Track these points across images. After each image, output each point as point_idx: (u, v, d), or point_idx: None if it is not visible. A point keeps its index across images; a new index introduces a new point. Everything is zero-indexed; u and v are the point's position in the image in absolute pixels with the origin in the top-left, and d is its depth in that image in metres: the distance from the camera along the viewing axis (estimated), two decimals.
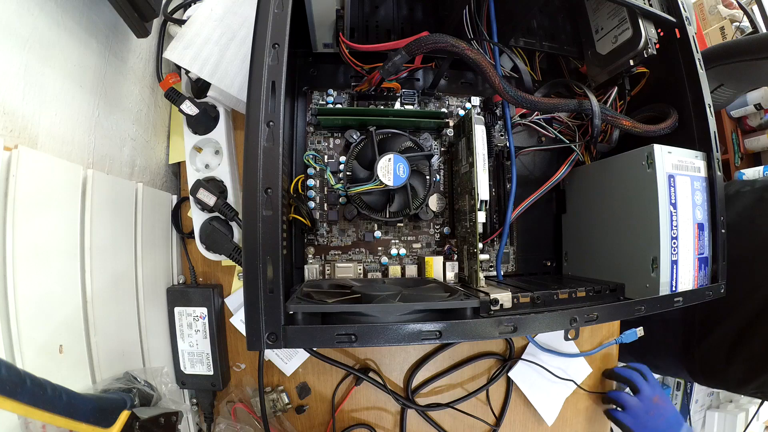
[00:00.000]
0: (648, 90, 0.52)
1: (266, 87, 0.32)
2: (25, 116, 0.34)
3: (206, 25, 0.49)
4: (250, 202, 0.31)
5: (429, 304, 0.34)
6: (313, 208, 0.50)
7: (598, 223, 0.51)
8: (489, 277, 0.53)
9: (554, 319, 0.36)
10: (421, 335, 0.31)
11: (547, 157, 0.58)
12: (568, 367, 0.62)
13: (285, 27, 0.33)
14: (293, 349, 0.55)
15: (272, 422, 0.53)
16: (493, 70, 0.40)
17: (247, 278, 0.30)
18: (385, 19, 0.53)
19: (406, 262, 0.52)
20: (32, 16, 0.34)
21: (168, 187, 0.57)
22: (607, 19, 0.49)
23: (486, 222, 0.51)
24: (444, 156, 0.54)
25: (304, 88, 0.52)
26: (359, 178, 0.47)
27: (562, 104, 0.44)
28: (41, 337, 0.32)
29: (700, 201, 0.45)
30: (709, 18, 1.14)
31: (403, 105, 0.53)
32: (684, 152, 0.44)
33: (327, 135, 0.52)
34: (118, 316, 0.42)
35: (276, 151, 0.31)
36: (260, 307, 0.30)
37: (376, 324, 0.31)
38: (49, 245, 0.34)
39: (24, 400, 0.23)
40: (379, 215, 0.48)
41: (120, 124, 0.47)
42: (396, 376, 0.58)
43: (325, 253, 0.51)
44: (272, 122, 0.32)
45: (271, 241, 0.31)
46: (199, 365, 0.51)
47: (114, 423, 0.31)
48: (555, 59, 0.59)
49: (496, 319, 0.33)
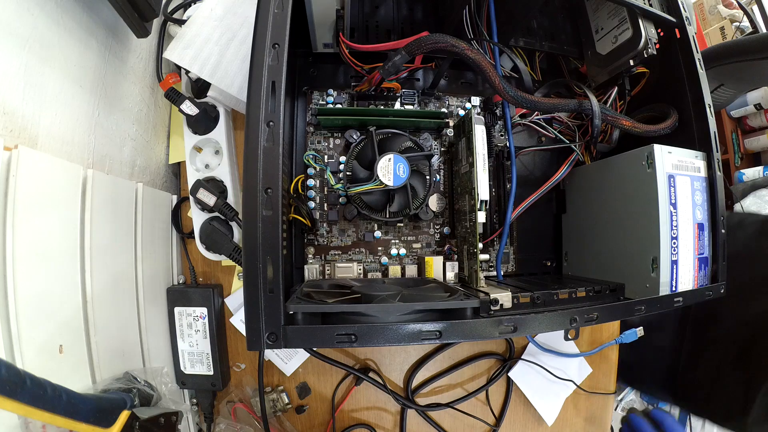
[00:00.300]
0: (648, 90, 0.52)
1: (266, 87, 0.32)
2: (25, 116, 0.34)
3: (206, 25, 0.49)
4: (250, 202, 0.31)
5: (429, 304, 0.34)
6: (313, 208, 0.50)
7: (598, 223, 0.51)
8: (489, 277, 0.53)
9: (554, 319, 0.35)
10: (421, 335, 0.31)
11: (547, 157, 0.58)
12: (568, 367, 0.62)
13: (285, 27, 0.33)
14: (293, 349, 0.55)
15: (272, 422, 0.53)
16: (493, 70, 0.40)
17: (247, 278, 0.30)
18: (385, 19, 0.53)
19: (406, 262, 0.52)
20: (32, 16, 0.34)
21: (168, 187, 0.57)
22: (607, 19, 0.49)
23: (486, 222, 0.51)
24: (444, 156, 0.54)
25: (304, 88, 0.52)
26: (359, 178, 0.47)
27: (562, 104, 0.44)
28: (41, 337, 0.32)
29: (700, 201, 0.45)
30: (709, 18, 1.14)
31: (403, 105, 0.53)
32: (684, 152, 0.44)
33: (327, 135, 0.52)
34: (118, 316, 0.42)
35: (276, 151, 0.31)
36: (260, 307, 0.30)
37: (376, 324, 0.31)
38: (49, 245, 0.34)
39: (24, 400, 0.23)
40: (379, 215, 0.48)
41: (120, 124, 0.47)
42: (396, 377, 0.58)
43: (325, 253, 0.51)
44: (272, 122, 0.32)
45: (271, 241, 0.30)
46: (199, 365, 0.51)
47: (114, 423, 0.31)
48: (555, 59, 0.59)
49: (496, 319, 0.33)
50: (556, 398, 0.62)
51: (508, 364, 0.59)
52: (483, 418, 0.59)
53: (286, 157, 0.47)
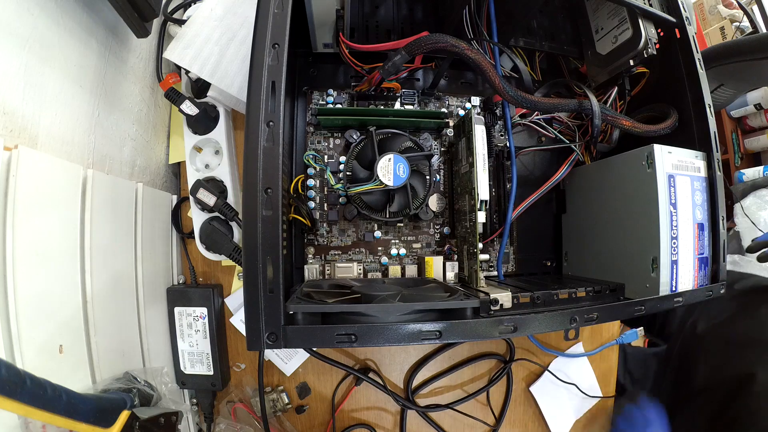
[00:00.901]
0: (648, 90, 0.52)
1: (266, 87, 0.32)
2: (25, 116, 0.34)
3: (206, 25, 0.49)
4: (250, 202, 0.31)
5: (429, 304, 0.34)
6: (313, 208, 0.50)
7: (598, 223, 0.51)
8: (489, 277, 0.53)
9: (554, 319, 0.35)
10: (421, 335, 0.31)
11: (547, 157, 0.58)
12: (569, 368, 0.62)
13: (285, 27, 0.33)
14: (293, 349, 0.55)
15: (272, 422, 0.53)
16: (493, 69, 0.40)
17: (247, 278, 0.30)
18: (385, 19, 0.53)
19: (406, 262, 0.52)
20: (32, 16, 0.34)
21: (168, 187, 0.57)
22: (607, 19, 0.49)
23: (486, 222, 0.51)
24: (444, 156, 0.54)
25: (304, 88, 0.52)
26: (359, 178, 0.47)
27: (562, 104, 0.44)
28: (41, 337, 0.32)
29: (700, 201, 0.45)
30: (709, 18, 1.14)
31: (403, 105, 0.53)
32: (684, 152, 0.44)
33: (327, 135, 0.52)
34: (118, 316, 0.42)
35: (276, 151, 0.31)
36: (260, 307, 0.30)
37: (376, 324, 0.31)
38: (49, 245, 0.34)
39: (24, 400, 0.23)
40: (379, 215, 0.48)
41: (120, 124, 0.47)
42: (396, 377, 0.58)
43: (325, 253, 0.51)
44: (272, 122, 0.32)
45: (271, 241, 0.30)
46: (199, 365, 0.51)
47: (114, 423, 0.31)
48: (555, 59, 0.59)
49: (496, 319, 0.33)
50: (572, 415, 0.61)
51: (509, 366, 0.59)
52: (483, 419, 0.59)
53: (286, 157, 0.47)
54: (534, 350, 0.61)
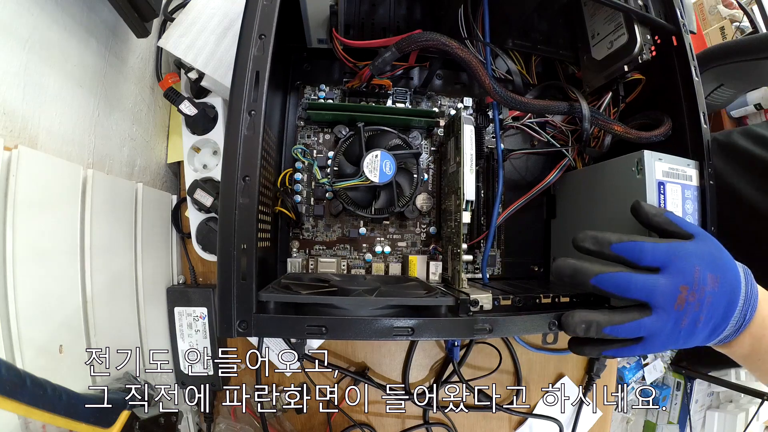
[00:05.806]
0: (644, 98, 0.51)
1: (250, 77, 0.33)
2: (25, 116, 0.34)
3: (203, 14, 0.50)
4: (227, 189, 0.31)
5: (403, 300, 0.33)
6: (299, 202, 0.50)
7: (587, 228, 0.50)
8: (474, 279, 0.52)
9: (533, 322, 0.35)
10: (393, 331, 0.31)
11: (540, 161, 0.58)
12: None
13: (272, 18, 0.34)
14: (293, 350, 0.54)
15: (272, 422, 0.53)
16: (483, 69, 0.40)
17: (221, 265, 0.30)
18: (382, 17, 0.53)
19: (391, 260, 0.51)
20: (32, 16, 0.34)
21: (168, 187, 0.58)
22: (604, 24, 0.49)
23: (473, 224, 0.50)
24: (434, 155, 0.54)
25: (297, 82, 0.52)
26: (346, 174, 0.47)
27: (552, 106, 0.44)
28: (41, 337, 0.32)
29: (691, 210, 0.44)
30: (709, 18, 1.12)
31: (395, 103, 0.53)
32: (675, 160, 0.43)
33: (317, 130, 0.52)
34: (118, 316, 0.42)
35: (256, 141, 0.32)
36: (233, 294, 0.30)
37: (347, 317, 0.31)
38: (49, 245, 0.34)
39: (24, 400, 0.23)
40: (364, 212, 0.48)
41: (120, 124, 0.47)
42: (396, 377, 0.57)
43: (310, 247, 0.50)
44: (254, 111, 0.32)
45: (246, 228, 0.31)
46: (199, 365, 0.51)
47: (114, 423, 0.31)
48: (552, 64, 0.58)
49: (471, 318, 0.33)
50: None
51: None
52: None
53: (274, 150, 0.47)
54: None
